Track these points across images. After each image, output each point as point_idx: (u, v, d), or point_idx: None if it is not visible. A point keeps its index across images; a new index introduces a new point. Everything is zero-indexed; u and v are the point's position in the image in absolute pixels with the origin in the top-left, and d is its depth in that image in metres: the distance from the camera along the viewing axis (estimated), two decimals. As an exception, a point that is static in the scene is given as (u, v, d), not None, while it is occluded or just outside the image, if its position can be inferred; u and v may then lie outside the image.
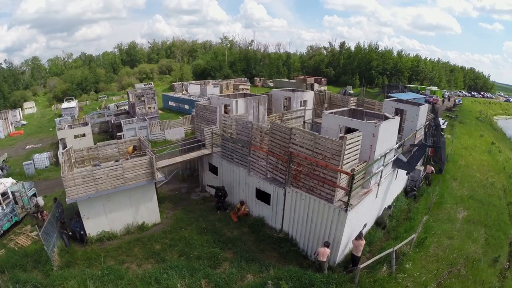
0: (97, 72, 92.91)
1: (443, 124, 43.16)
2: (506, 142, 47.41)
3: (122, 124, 35.06)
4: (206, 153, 20.24)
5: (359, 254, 13.12)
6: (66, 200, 14.58)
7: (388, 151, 15.44)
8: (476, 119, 54.74)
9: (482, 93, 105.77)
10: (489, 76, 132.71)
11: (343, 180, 13.03)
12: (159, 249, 14.66)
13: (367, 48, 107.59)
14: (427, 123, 23.86)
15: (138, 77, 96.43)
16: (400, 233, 16.00)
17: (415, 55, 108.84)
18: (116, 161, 18.08)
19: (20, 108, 62.74)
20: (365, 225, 14.08)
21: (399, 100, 23.34)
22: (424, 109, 21.98)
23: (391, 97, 26.58)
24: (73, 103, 58.63)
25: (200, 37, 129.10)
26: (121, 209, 15.55)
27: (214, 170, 20.20)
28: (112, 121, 39.40)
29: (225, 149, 18.81)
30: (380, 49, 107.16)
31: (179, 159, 19.81)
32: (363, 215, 14.59)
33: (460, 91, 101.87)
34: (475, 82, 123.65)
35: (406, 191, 20.94)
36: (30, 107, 68.92)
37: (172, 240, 15.27)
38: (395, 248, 13.13)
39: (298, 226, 14.97)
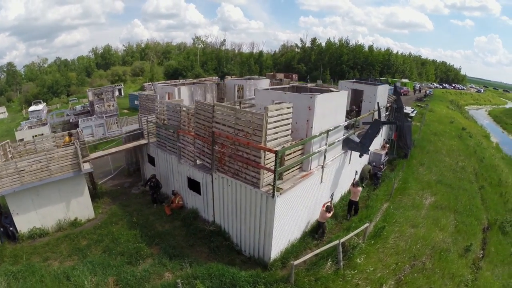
0: (69, 76, 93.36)
1: (412, 112, 42.73)
2: (478, 129, 46.84)
3: (79, 122, 34.99)
4: (142, 143, 19.35)
5: (356, 199, 14.56)
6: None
7: (332, 129, 13.31)
8: (446, 107, 54.26)
9: (453, 85, 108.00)
10: (460, 69, 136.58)
11: (269, 160, 10.92)
12: (85, 245, 13.71)
13: (338, 43, 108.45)
14: (388, 105, 21.94)
15: (111, 80, 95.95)
16: (354, 223, 13.67)
17: (386, 49, 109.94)
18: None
19: None
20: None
21: (356, 81, 21.51)
22: (383, 89, 20.12)
23: (397, 91, 25.01)
24: (41, 106, 58.51)
25: (178, 40, 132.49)
26: (51, 204, 15.00)
27: (152, 161, 19.02)
28: (71, 120, 39.31)
29: (159, 137, 17.51)
30: (350, 44, 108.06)
31: (113, 150, 18.92)
32: (303, 202, 12.51)
33: (431, 83, 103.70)
34: (447, 75, 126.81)
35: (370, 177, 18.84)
36: (1, 113, 69.44)
37: (100, 235, 14.29)
38: (342, 240, 10.82)
39: (229, 217, 13.10)
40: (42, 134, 31.33)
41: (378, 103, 17.85)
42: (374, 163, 19.13)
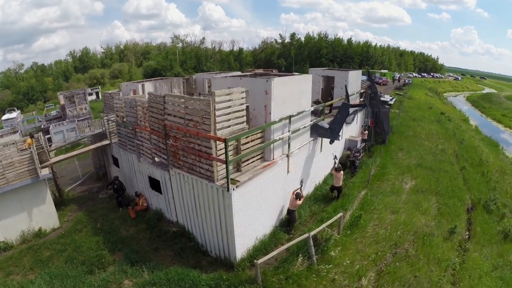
0: (45, 81, 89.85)
1: (391, 100, 42.48)
2: (457, 113, 46.92)
3: (50, 128, 32.93)
4: (105, 143, 18.36)
5: (339, 184, 13.99)
6: None
7: (296, 115, 12.23)
8: (425, 95, 54.31)
9: (432, 74, 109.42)
10: (437, 58, 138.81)
11: (221, 151, 9.87)
12: (47, 257, 12.81)
13: (317, 37, 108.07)
14: (362, 91, 21.10)
15: (89, 83, 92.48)
16: (329, 213, 12.61)
17: (364, 42, 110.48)
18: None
19: None
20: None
21: (328, 68, 20.65)
22: (355, 75, 19.23)
23: (371, 77, 24.19)
24: (14, 114, 54.87)
25: (160, 41, 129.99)
26: (12, 215, 14.05)
27: (116, 162, 18.06)
28: (43, 126, 37.20)
29: (120, 136, 16.41)
30: (329, 37, 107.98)
31: (74, 153, 18.35)
32: (268, 194, 11.44)
33: (410, 73, 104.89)
34: (425, 65, 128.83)
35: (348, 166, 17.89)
36: None
37: (63, 245, 13.39)
38: (312, 233, 9.75)
39: (190, 216, 12.02)
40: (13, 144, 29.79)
41: (346, 85, 16.93)
42: (352, 150, 18.18)
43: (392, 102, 41.70)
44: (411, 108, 39.77)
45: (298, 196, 11.90)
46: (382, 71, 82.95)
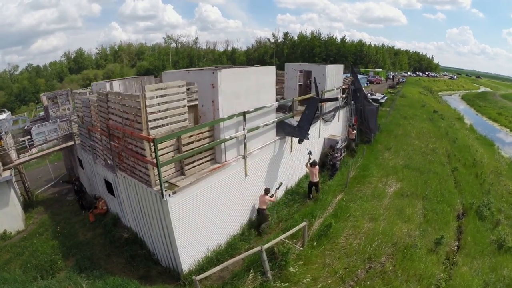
0: (37, 82, 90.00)
1: (383, 98, 41.27)
2: (451, 112, 45.58)
3: (32, 129, 32.39)
4: (69, 144, 17.91)
5: (316, 179, 13.25)
6: None
7: (252, 111, 10.66)
8: (418, 93, 53.00)
9: (427, 73, 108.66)
10: (433, 58, 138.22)
11: (164, 150, 8.73)
12: (6, 260, 12.45)
13: (309, 36, 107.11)
14: (344, 86, 19.47)
15: (82, 84, 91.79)
16: (295, 221, 10.95)
17: (358, 41, 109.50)
18: None
19: None
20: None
21: (303, 62, 19.16)
22: (335, 69, 17.55)
23: (355, 72, 22.67)
24: (4, 115, 52.91)
25: (158, 42, 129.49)
26: None
27: (81, 163, 17.37)
28: (26, 127, 36.53)
29: (81, 137, 15.81)
30: (322, 36, 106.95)
31: (39, 154, 18.35)
32: (221, 200, 10.03)
33: (405, 72, 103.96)
34: (420, 64, 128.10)
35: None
36: None
37: (22, 248, 12.98)
38: (266, 246, 8.15)
39: (139, 222, 10.99)
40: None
41: (314, 78, 15.31)
42: (330, 152, 16.51)
43: (383, 100, 40.45)
44: (403, 106, 38.46)
45: (266, 191, 11.21)
46: (376, 70, 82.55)
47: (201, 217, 9.55)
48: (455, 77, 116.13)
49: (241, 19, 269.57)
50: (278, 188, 12.01)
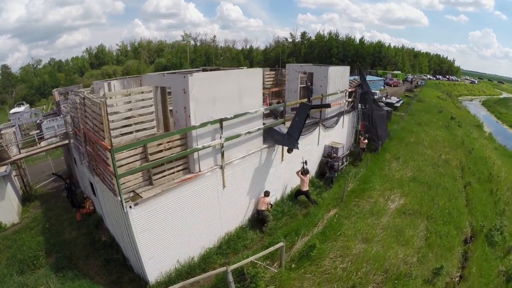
0: (57, 77, 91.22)
1: (398, 102, 39.41)
2: (470, 118, 43.05)
3: (43, 123, 32.99)
4: (64, 143, 18.01)
5: (306, 188, 12.39)
6: None
7: (231, 117, 9.54)
8: (437, 97, 50.47)
9: (447, 77, 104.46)
10: (453, 61, 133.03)
11: (122, 161, 7.79)
12: None
13: (327, 36, 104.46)
14: (350, 90, 18.01)
15: (100, 79, 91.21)
16: (278, 238, 9.77)
17: (377, 42, 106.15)
18: None
19: None
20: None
21: (306, 64, 17.82)
22: (339, 71, 16.10)
23: (363, 74, 21.05)
24: (22, 108, 55.34)
25: (178, 39, 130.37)
26: None
27: (76, 162, 17.07)
28: (38, 121, 37.15)
29: (72, 137, 15.36)
30: (340, 36, 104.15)
31: (36, 150, 18.26)
32: (193, 212, 9.24)
33: (424, 75, 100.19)
34: (440, 67, 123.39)
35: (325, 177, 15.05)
36: None
37: (12, 241, 13.07)
38: (232, 267, 7.13)
39: (115, 228, 10.63)
40: None
41: (306, 81, 14.02)
42: (329, 162, 15.14)
43: (398, 105, 38.54)
44: (419, 111, 36.41)
45: (266, 194, 11.27)
46: (394, 72, 79.84)
47: (170, 230, 8.79)
48: (476, 82, 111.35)
49: (262, 18, 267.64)
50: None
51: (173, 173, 8.75)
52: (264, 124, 11.00)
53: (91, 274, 10.23)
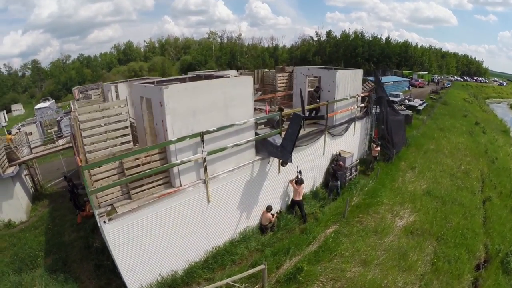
0: (84, 72, 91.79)
1: (421, 105, 37.36)
2: (497, 123, 40.09)
3: (62, 121, 32.93)
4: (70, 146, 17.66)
5: (299, 198, 11.59)
6: None
7: (214, 130, 8.79)
8: (463, 100, 47.46)
9: (475, 78, 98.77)
10: (482, 62, 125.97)
11: (97, 175, 7.62)
12: (2, 248, 12.63)
13: (353, 35, 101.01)
14: (363, 94, 16.73)
15: (127, 75, 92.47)
16: (266, 257, 8.93)
17: (403, 41, 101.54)
18: None
19: (4, 111, 61.30)
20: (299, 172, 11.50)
21: (313, 67, 16.64)
22: (350, 75, 14.78)
23: (378, 77, 19.47)
24: (47, 103, 56.85)
25: (205, 36, 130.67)
26: None
27: None
28: (58, 119, 37.46)
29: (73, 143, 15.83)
30: (366, 36, 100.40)
31: (43, 152, 17.72)
32: (174, 227, 8.74)
33: (452, 76, 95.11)
34: (468, 68, 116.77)
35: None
36: (17, 109, 68.75)
37: (18, 239, 13.17)
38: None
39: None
40: (31, 133, 29.84)
41: (300, 89, 12.88)
42: (335, 170, 14.03)
43: (421, 108, 36.47)
44: (443, 115, 34.25)
45: (268, 209, 10.79)
46: (420, 72, 76.16)
47: (150, 244, 8.37)
48: (505, 84, 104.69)
49: (291, 16, 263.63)
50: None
51: (153, 187, 8.28)
52: (258, 134, 10.17)
53: (82, 278, 10.19)
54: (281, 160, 10.70)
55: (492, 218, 13.98)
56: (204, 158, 8.57)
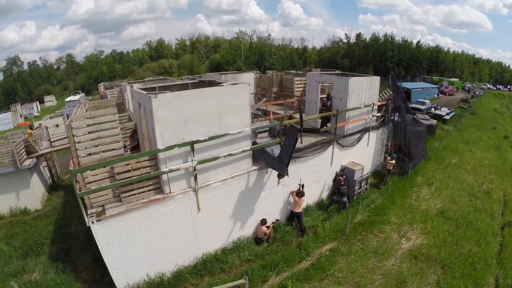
0: (114, 68, 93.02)
1: (448, 114, 35.02)
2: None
3: None
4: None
5: (298, 210, 10.98)
6: None
7: (205, 140, 8.49)
8: (493, 110, 44.38)
9: (508, 87, 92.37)
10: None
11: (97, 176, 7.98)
12: (15, 233, 13.22)
13: (382, 39, 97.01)
14: (379, 103, 15.67)
15: (157, 72, 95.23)
16: (251, 271, 8.42)
17: (435, 46, 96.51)
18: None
19: (37, 102, 64.35)
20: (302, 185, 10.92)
21: (325, 72, 15.72)
22: (365, 82, 13.72)
23: (396, 85, 18.14)
24: (77, 96, 58.68)
25: (240, 35, 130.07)
26: (3, 193, 15.30)
27: None
28: None
29: None
30: (397, 39, 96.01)
31: (58, 147, 17.97)
32: (163, 232, 8.79)
33: (484, 84, 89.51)
34: (502, 76, 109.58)
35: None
36: (50, 101, 70.98)
37: (30, 226, 13.74)
38: None
39: None
40: (57, 125, 31.40)
41: (299, 100, 12.11)
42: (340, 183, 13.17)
43: (448, 117, 34.08)
44: (470, 126, 31.96)
45: (263, 222, 10.34)
46: (451, 79, 72.11)
47: (137, 245, 8.57)
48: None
49: (323, 17, 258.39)
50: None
51: (144, 192, 8.43)
52: (257, 143, 9.60)
53: (80, 269, 10.45)
54: (277, 173, 10.10)
55: (509, 247, 12.65)
56: (194, 167, 8.33)
